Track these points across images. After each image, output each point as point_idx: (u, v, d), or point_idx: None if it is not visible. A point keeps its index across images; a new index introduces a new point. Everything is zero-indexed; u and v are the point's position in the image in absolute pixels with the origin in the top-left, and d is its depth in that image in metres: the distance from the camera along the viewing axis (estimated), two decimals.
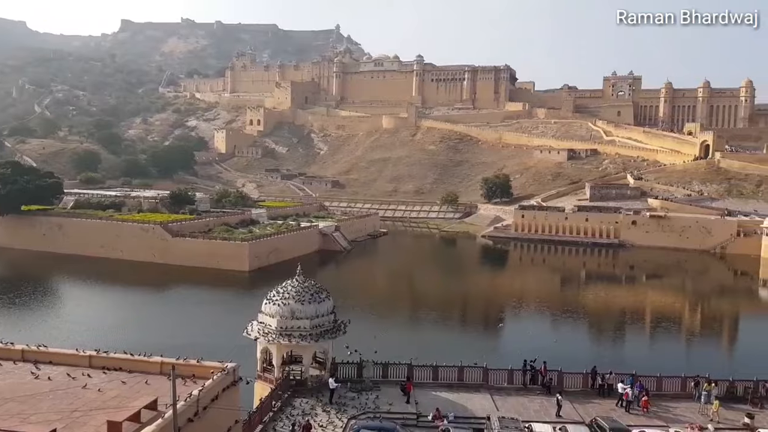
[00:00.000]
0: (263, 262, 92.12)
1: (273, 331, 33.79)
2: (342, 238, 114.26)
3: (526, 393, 35.10)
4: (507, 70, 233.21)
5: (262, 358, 35.23)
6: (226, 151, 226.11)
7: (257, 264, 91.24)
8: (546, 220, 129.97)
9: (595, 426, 29.30)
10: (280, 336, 33.55)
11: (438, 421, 30.51)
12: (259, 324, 34.70)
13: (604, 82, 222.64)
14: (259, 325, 34.66)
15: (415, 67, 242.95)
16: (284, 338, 33.50)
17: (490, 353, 51.53)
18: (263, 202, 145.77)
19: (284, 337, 33.50)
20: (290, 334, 33.51)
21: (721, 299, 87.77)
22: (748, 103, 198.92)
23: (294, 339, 33.50)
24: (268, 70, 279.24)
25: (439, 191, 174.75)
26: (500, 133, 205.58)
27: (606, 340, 64.92)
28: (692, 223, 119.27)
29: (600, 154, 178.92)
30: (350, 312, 53.24)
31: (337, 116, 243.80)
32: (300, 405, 32.14)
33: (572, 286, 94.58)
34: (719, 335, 70.84)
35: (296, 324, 33.67)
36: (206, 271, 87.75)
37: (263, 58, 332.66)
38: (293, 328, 33.61)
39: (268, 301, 34.86)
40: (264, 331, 34.13)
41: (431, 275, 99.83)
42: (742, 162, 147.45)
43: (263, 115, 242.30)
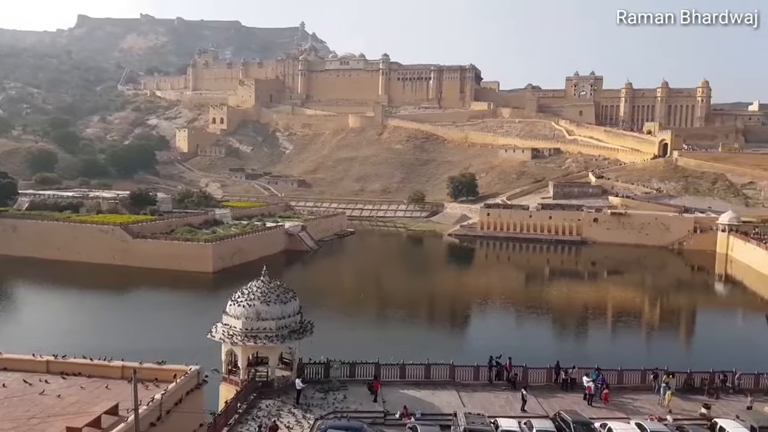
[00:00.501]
0: (227, 263, 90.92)
1: (238, 332, 33.33)
2: (308, 237, 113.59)
3: (491, 389, 35.46)
4: (472, 70, 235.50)
5: (227, 360, 34.72)
6: (189, 150, 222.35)
7: (221, 265, 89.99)
8: (511, 218, 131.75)
9: (559, 420, 29.77)
10: (246, 338, 33.09)
11: (405, 419, 30.55)
12: (224, 326, 34.17)
13: (566, 82, 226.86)
14: (223, 327, 34.13)
15: (381, 66, 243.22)
16: (250, 340, 33.06)
17: (456, 350, 51.99)
18: (227, 202, 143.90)
19: (250, 339, 33.06)
20: (256, 336, 33.08)
21: (679, 294, 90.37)
22: (704, 103, 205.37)
23: (260, 340, 33.08)
24: (232, 67, 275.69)
25: (405, 190, 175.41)
26: (466, 132, 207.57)
27: (569, 335, 66.17)
28: (651, 220, 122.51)
29: (563, 153, 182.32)
30: (317, 312, 53.08)
31: (303, 115, 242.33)
32: (266, 406, 31.78)
33: (536, 283, 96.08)
34: (677, 329, 72.92)
35: (262, 325, 33.27)
36: (169, 272, 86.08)
37: (226, 56, 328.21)
38: (259, 330, 33.20)
39: (232, 302, 34.37)
40: (229, 333, 33.62)
41: (398, 274, 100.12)
42: (698, 160, 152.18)
43: (227, 114, 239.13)
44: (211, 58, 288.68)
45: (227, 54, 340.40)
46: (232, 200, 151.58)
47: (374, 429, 29.60)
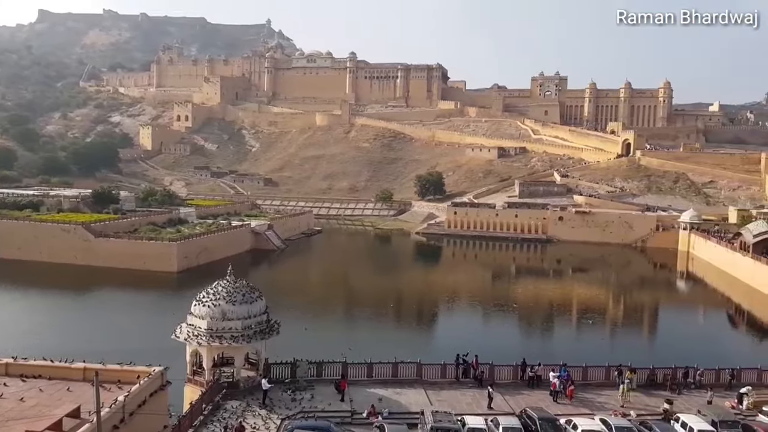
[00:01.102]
0: (192, 263, 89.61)
1: (203, 333, 32.80)
2: (275, 236, 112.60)
3: (458, 386, 35.64)
4: (439, 69, 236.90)
5: (192, 360, 34.16)
6: (153, 147, 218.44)
7: (186, 264, 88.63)
8: (478, 217, 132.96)
9: (525, 416, 30.07)
10: (211, 338, 32.60)
11: (373, 418, 30.48)
12: (189, 326, 33.61)
13: (531, 82, 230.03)
14: (188, 328, 33.56)
15: (349, 64, 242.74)
16: (215, 340, 32.57)
17: (424, 349, 52.15)
18: (192, 200, 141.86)
19: (215, 339, 32.58)
20: (221, 336, 32.61)
21: (642, 291, 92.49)
22: (666, 103, 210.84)
23: (225, 341, 32.62)
24: (197, 64, 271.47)
25: (373, 189, 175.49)
26: (433, 131, 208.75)
27: (535, 333, 67.05)
28: (615, 218, 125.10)
29: (528, 152, 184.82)
30: (285, 312, 52.59)
31: (269, 112, 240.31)
32: (232, 407, 31.34)
33: (503, 281, 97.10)
34: (641, 325, 74.59)
35: (227, 325, 32.80)
36: (132, 272, 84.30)
37: (191, 52, 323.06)
38: (224, 330, 32.72)
39: (197, 302, 33.81)
40: (194, 333, 33.08)
41: (366, 273, 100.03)
42: (660, 159, 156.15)
43: (191, 111, 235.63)
44: (176, 54, 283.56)
45: (192, 51, 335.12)
46: (197, 199, 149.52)
47: (341, 428, 29.44)
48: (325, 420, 29.63)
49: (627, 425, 29.11)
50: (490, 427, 28.84)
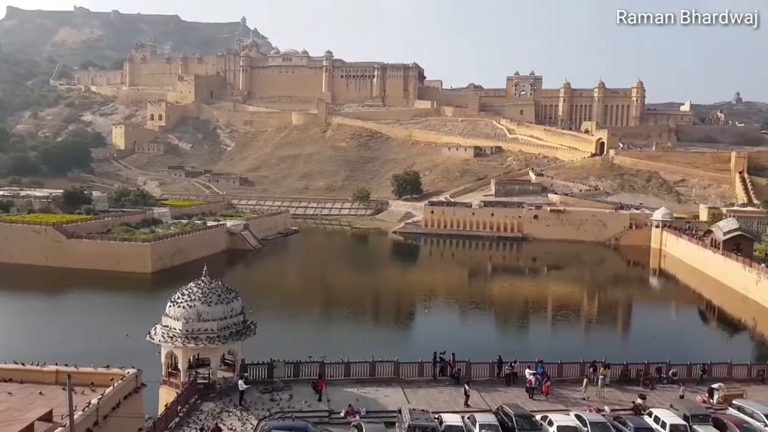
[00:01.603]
0: (167, 263, 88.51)
1: (178, 334, 32.40)
2: (251, 236, 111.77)
3: (435, 384, 35.78)
4: (415, 69, 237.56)
5: (167, 362, 33.74)
6: (126, 147, 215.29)
7: (160, 265, 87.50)
8: (454, 216, 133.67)
9: (502, 413, 30.30)
10: (186, 339, 32.21)
11: (350, 417, 30.41)
12: (163, 327, 33.17)
13: (507, 81, 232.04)
14: (163, 329, 33.13)
15: (325, 63, 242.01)
16: (190, 341, 32.19)
17: (401, 347, 52.27)
18: (166, 200, 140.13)
19: (190, 340, 32.20)
20: (197, 337, 32.25)
21: (615, 288, 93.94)
22: (639, 103, 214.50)
23: (201, 342, 32.27)
24: (170, 62, 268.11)
25: (350, 188, 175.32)
26: (410, 130, 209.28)
27: (511, 330, 67.61)
28: (589, 216, 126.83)
29: (504, 152, 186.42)
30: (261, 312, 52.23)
31: (245, 111, 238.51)
32: (208, 409, 31.04)
33: (479, 279, 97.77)
34: (614, 322, 75.72)
35: (203, 326, 32.45)
36: (105, 273, 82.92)
37: (164, 50, 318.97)
38: (200, 331, 32.37)
39: (172, 303, 33.38)
40: (168, 334, 32.66)
41: (343, 272, 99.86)
42: (633, 158, 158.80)
43: (165, 110, 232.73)
44: (149, 52, 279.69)
45: (166, 49, 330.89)
46: (171, 199, 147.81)
47: (319, 428, 29.37)
48: (302, 420, 29.51)
49: (601, 420, 29.51)
50: (467, 425, 28.98)
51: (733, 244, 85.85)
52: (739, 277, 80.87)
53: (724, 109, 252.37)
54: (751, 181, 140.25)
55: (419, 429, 27.40)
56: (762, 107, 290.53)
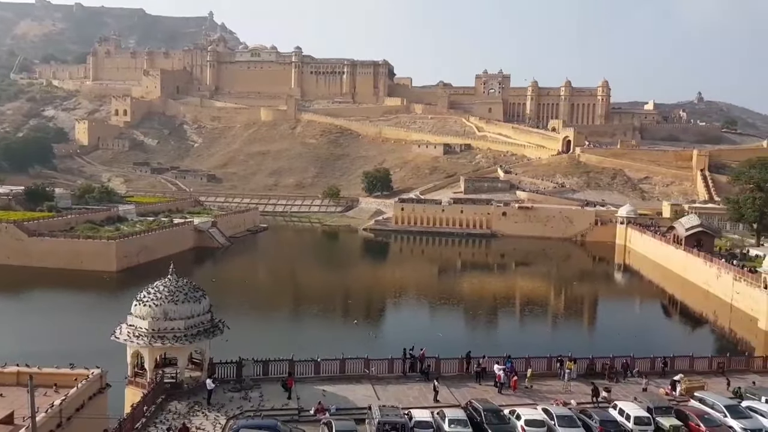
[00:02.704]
0: (132, 262, 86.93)
1: (144, 333, 31.86)
2: (219, 234, 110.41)
3: (405, 381, 35.93)
4: (385, 66, 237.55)
5: (133, 362, 33.16)
6: (89, 143, 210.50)
7: (126, 263, 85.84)
8: (424, 213, 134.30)
9: (470, 408, 30.60)
10: (153, 338, 31.70)
11: (320, 415, 30.36)
12: (129, 327, 32.58)
13: (476, 79, 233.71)
14: (128, 328, 32.54)
15: (294, 59, 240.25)
16: (157, 340, 31.67)
17: (371, 344, 52.33)
18: (132, 197, 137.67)
19: (157, 340, 31.68)
20: (163, 336, 31.74)
21: (581, 283, 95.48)
22: (604, 101, 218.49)
23: (168, 341, 31.78)
24: (135, 57, 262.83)
25: (320, 185, 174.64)
26: (380, 127, 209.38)
27: (480, 326, 68.23)
28: (556, 213, 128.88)
29: (473, 149, 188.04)
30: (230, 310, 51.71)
31: (212, 107, 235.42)
32: (176, 408, 30.60)
33: (449, 276, 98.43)
34: (580, 316, 77.10)
35: (170, 325, 31.96)
36: (69, 272, 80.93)
37: (129, 44, 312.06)
38: (167, 330, 31.87)
39: (138, 302, 32.80)
40: (134, 333, 32.11)
41: (313, 270, 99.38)
42: (599, 156, 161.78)
43: (130, 105, 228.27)
44: (113, 46, 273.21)
45: (130, 43, 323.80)
46: (136, 195, 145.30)
47: (288, 426, 29.19)
48: (271, 418, 29.31)
49: (568, 413, 30.03)
50: (437, 420, 29.19)
51: (695, 240, 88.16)
52: (700, 272, 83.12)
53: (686, 108, 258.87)
54: (712, 178, 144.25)
55: (389, 425, 27.48)
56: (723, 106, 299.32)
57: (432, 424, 28.67)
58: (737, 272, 72.11)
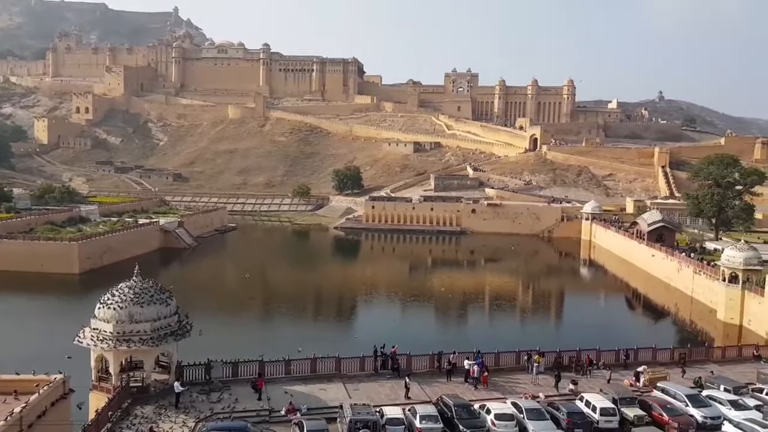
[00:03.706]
0: (96, 263, 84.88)
1: (109, 337, 31.17)
2: (186, 234, 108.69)
3: (377, 378, 35.99)
4: (355, 63, 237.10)
5: (98, 366, 32.45)
6: (49, 141, 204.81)
7: (89, 265, 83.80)
8: (395, 210, 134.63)
9: (441, 404, 30.87)
10: (118, 342, 31.04)
11: (291, 415, 30.18)
12: (93, 330, 31.82)
13: (445, 78, 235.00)
14: (92, 332, 31.77)
15: (262, 56, 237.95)
16: (122, 344, 31.03)
17: (343, 343, 52.17)
18: (94, 197, 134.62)
19: (122, 343, 31.03)
20: (129, 339, 31.11)
21: (549, 278, 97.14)
22: (569, 100, 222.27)
23: (133, 344, 31.15)
24: (97, 53, 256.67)
25: (290, 183, 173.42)
26: (350, 125, 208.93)
27: (451, 322, 68.74)
28: (524, 210, 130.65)
29: (443, 147, 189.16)
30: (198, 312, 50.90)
31: (178, 105, 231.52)
32: (142, 413, 30.04)
33: (419, 273, 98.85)
34: (548, 311, 78.26)
35: (135, 328, 31.34)
36: (28, 275, 78.43)
37: (91, 40, 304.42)
38: (132, 333, 31.25)
39: (102, 305, 32.06)
40: (98, 337, 31.38)
41: (283, 269, 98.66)
42: (564, 154, 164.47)
43: (92, 103, 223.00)
44: (74, 42, 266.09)
45: (92, 38, 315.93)
46: (99, 196, 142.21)
47: (259, 427, 28.96)
48: (242, 420, 29.04)
49: (536, 407, 30.53)
50: (408, 417, 29.34)
51: (657, 235, 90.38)
52: (662, 266, 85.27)
53: (648, 106, 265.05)
54: (673, 175, 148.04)
55: (361, 423, 27.49)
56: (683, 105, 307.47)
57: (403, 421, 28.82)
58: (697, 266, 74.16)
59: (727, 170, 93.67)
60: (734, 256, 63.37)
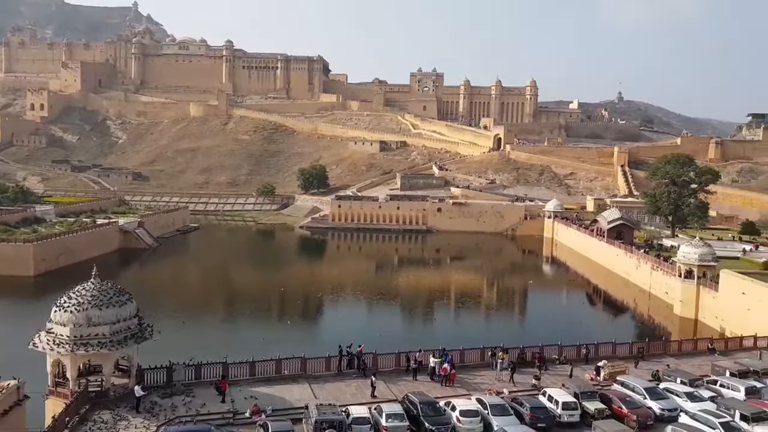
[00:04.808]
0: (52, 265, 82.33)
1: (66, 340, 30.23)
2: (146, 234, 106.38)
3: (342, 378, 35.86)
4: (320, 62, 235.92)
5: (54, 371, 31.46)
6: (2, 139, 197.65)
7: (45, 267, 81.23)
8: (361, 209, 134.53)
9: (407, 402, 30.97)
10: (75, 345, 30.13)
11: (256, 417, 29.84)
12: (49, 334, 30.85)
13: (411, 77, 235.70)
14: (48, 336, 30.80)
15: (225, 53, 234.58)
16: (80, 348, 30.14)
17: (309, 343, 51.89)
18: (50, 197, 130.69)
19: (80, 347, 30.15)
20: (87, 343, 30.24)
21: (512, 276, 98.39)
22: (532, 101, 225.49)
23: (92, 348, 30.29)
24: (53, 48, 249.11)
25: (254, 183, 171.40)
26: (316, 124, 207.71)
27: (417, 320, 69.07)
28: (488, 208, 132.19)
29: (409, 146, 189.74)
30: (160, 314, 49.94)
31: (138, 102, 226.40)
32: (101, 418, 29.25)
33: (386, 271, 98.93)
34: (512, 308, 79.37)
35: (94, 331, 30.48)
36: None
37: (46, 35, 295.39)
38: (90, 336, 30.38)
39: (58, 308, 31.07)
40: (55, 341, 30.43)
41: (247, 270, 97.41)
42: (527, 153, 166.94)
43: (48, 99, 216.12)
44: (28, 36, 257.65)
45: (48, 33, 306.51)
46: (56, 195, 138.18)
47: (223, 430, 28.53)
48: (205, 423, 28.58)
49: (500, 402, 30.93)
50: (374, 415, 29.32)
51: (616, 232, 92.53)
52: (621, 263, 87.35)
53: (608, 107, 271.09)
54: (632, 174, 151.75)
55: (326, 423, 27.35)
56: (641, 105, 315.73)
57: (369, 420, 28.79)
58: (654, 262, 76.21)
59: (683, 169, 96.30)
60: (689, 253, 65.30)
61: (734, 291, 58.38)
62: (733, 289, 58.57)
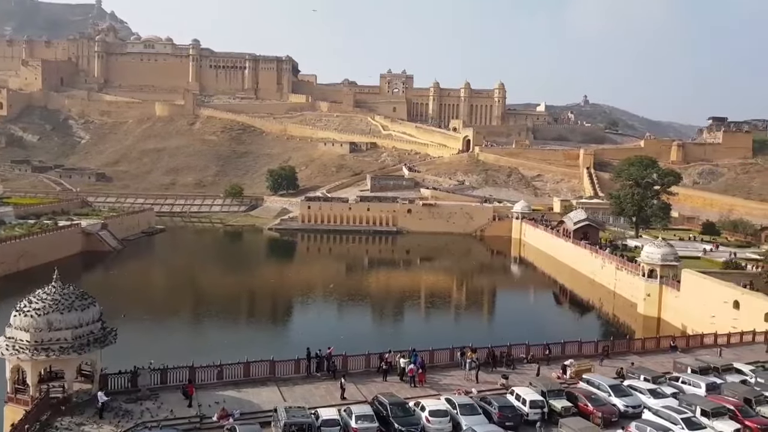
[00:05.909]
0: (11, 269, 79.99)
1: (26, 346, 29.39)
2: (110, 237, 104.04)
3: (312, 380, 35.67)
4: (289, 62, 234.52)
5: (13, 377, 30.57)
6: None
7: (3, 271, 78.82)
8: (331, 211, 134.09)
9: (377, 403, 30.99)
10: (36, 351, 29.31)
11: (223, 421, 29.45)
12: (8, 339, 29.95)
13: (380, 79, 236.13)
14: (7, 341, 29.90)
15: (192, 52, 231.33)
16: (40, 353, 29.32)
17: (278, 345, 51.51)
18: (9, 198, 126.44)
19: (40, 352, 29.33)
20: (48, 348, 29.43)
21: (481, 276, 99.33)
22: (500, 103, 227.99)
23: (53, 353, 29.49)
24: (12, 45, 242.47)
25: (222, 183, 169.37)
26: (285, 124, 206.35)
27: (387, 321, 69.11)
28: (457, 209, 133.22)
29: (379, 147, 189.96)
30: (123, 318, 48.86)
31: (101, 101, 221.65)
32: (64, 425, 28.52)
33: (356, 273, 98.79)
34: (480, 307, 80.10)
35: (55, 336, 29.68)
36: None
37: (5, 32, 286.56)
38: (51, 341, 29.58)
39: (18, 312, 30.18)
40: (15, 347, 29.53)
41: (215, 272, 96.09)
42: (496, 155, 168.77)
43: (7, 98, 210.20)
44: None
45: (7, 30, 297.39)
46: (15, 197, 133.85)
47: None
48: (171, 428, 28.12)
49: (469, 402, 31.20)
50: (344, 417, 29.26)
51: (582, 233, 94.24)
52: (587, 263, 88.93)
53: (574, 110, 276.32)
54: (597, 175, 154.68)
55: (295, 426, 27.19)
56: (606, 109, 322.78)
57: (339, 422, 28.72)
58: (619, 262, 77.81)
59: (646, 171, 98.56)
60: (652, 253, 66.89)
61: (695, 290, 59.96)
62: (695, 288, 60.16)
